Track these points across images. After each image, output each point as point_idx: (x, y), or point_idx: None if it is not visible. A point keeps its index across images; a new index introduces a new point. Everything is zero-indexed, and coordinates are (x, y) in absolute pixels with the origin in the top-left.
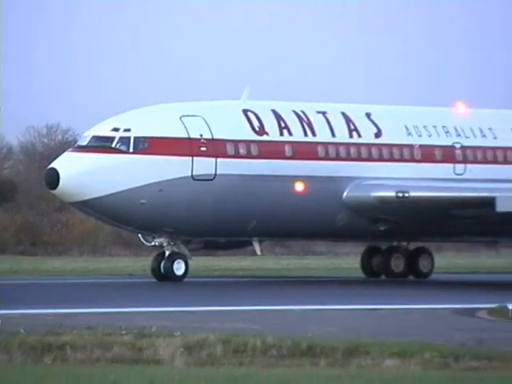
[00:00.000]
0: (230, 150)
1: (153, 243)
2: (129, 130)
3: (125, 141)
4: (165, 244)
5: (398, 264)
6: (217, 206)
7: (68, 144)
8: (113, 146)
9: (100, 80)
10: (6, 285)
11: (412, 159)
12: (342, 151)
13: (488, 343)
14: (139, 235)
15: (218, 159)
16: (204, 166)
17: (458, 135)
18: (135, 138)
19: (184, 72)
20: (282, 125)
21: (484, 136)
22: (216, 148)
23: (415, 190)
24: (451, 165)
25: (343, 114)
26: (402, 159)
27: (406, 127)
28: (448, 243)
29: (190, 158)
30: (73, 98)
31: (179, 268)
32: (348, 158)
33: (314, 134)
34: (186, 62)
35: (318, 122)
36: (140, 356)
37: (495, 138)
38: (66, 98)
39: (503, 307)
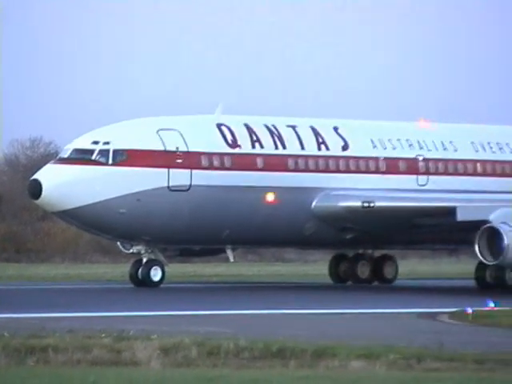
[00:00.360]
0: (204, 162)
1: (131, 251)
2: (108, 143)
3: (104, 153)
4: (142, 251)
5: (363, 270)
6: (192, 215)
7: (50, 156)
8: (93, 158)
9: (81, 95)
10: None
11: (377, 171)
12: (311, 163)
13: (449, 345)
14: (118, 243)
15: (193, 171)
16: (180, 177)
17: (421, 148)
18: (114, 151)
19: (161, 87)
20: (254, 138)
21: (445, 149)
22: (191, 160)
23: (380, 200)
24: (414, 176)
25: (312, 127)
26: (367, 171)
27: (372, 141)
28: (411, 250)
29: (167, 169)
30: (55, 112)
31: (156, 274)
32: (316, 170)
33: (284, 147)
34: (162, 78)
35: (288, 135)
36: (118, 358)
37: (456, 150)
38: (49, 111)
39: (463, 311)
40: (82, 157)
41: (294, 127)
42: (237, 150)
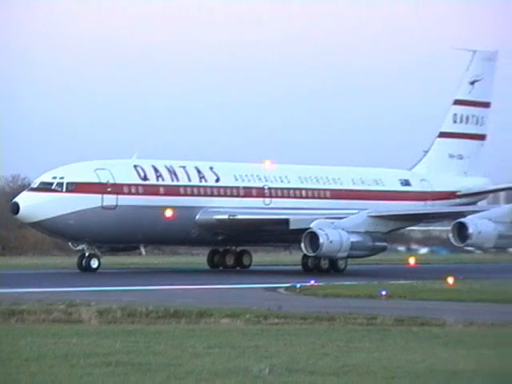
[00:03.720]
0: (125, 190)
1: (78, 248)
2: (62, 178)
3: (60, 185)
4: (85, 248)
5: (230, 260)
6: (117, 224)
7: (25, 186)
8: (52, 187)
9: (44, 146)
10: None
11: (238, 195)
12: (195, 190)
13: (284, 308)
14: (69, 243)
15: (118, 196)
16: (109, 200)
17: (266, 180)
18: (67, 183)
19: (97, 138)
20: (158, 174)
21: (282, 181)
22: (117, 189)
23: (240, 214)
24: (262, 199)
25: (196, 167)
26: (232, 195)
27: (235, 176)
28: (260, 247)
29: (101, 195)
30: (28, 157)
31: (94, 263)
32: (199, 195)
33: (177, 179)
34: (99, 131)
35: (180, 172)
36: (70, 318)
37: (289, 182)
38: (24, 157)
39: (293, 286)
40: (45, 187)
41: (184, 167)
42: (146, 182)
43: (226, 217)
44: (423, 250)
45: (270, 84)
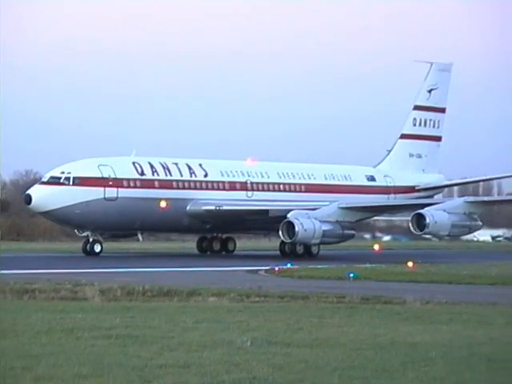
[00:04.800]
0: (125, 183)
1: (83, 234)
2: (69, 173)
3: (67, 178)
4: (89, 235)
5: (216, 245)
6: (118, 214)
7: (37, 180)
8: (61, 181)
9: (55, 143)
10: (5, 258)
11: (224, 189)
12: (186, 184)
13: (264, 288)
14: (75, 230)
15: (119, 189)
16: (111, 192)
17: (249, 176)
18: (73, 177)
19: (100, 138)
20: (154, 170)
21: (262, 176)
22: (117, 183)
23: (226, 205)
24: (245, 192)
25: (187, 164)
26: (218, 189)
27: (221, 171)
28: (244, 234)
29: (103, 188)
30: (41, 153)
31: (97, 248)
32: (189, 188)
33: (171, 175)
34: (102, 131)
35: (173, 168)
36: (75, 296)
37: (268, 177)
38: (37, 153)
39: (272, 268)
40: (54, 181)
41: (176, 164)
42: (143, 177)
43: (213, 208)
44: (386, 238)
45: (252, 89)
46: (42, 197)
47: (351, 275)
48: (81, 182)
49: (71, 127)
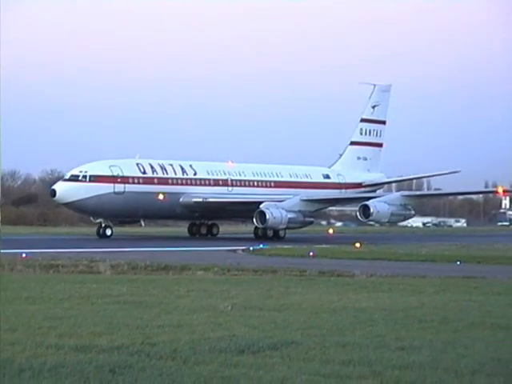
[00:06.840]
0: (131, 180)
1: (97, 221)
2: (86, 172)
3: (84, 176)
4: (102, 221)
5: (203, 230)
6: (125, 204)
7: (60, 177)
8: (79, 178)
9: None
10: (34, 239)
11: (210, 185)
12: (179, 181)
13: (242, 264)
14: (91, 217)
15: (126, 185)
16: (119, 187)
17: (230, 174)
18: (89, 175)
19: (110, 144)
20: (153, 169)
21: (241, 175)
22: (125, 180)
23: (211, 197)
24: (226, 187)
25: (180, 165)
26: (205, 185)
27: (207, 171)
28: (225, 221)
29: (113, 184)
30: (64, 155)
31: (108, 232)
32: (182, 184)
33: (167, 173)
34: (111, 138)
35: (169, 168)
36: (91, 270)
37: (245, 175)
38: (60, 155)
39: (248, 248)
40: (74, 178)
41: (171, 165)
42: (145, 175)
43: (201, 200)
44: (338, 224)
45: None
46: (64, 191)
47: (311, 254)
48: (95, 179)
49: (88, 136)
